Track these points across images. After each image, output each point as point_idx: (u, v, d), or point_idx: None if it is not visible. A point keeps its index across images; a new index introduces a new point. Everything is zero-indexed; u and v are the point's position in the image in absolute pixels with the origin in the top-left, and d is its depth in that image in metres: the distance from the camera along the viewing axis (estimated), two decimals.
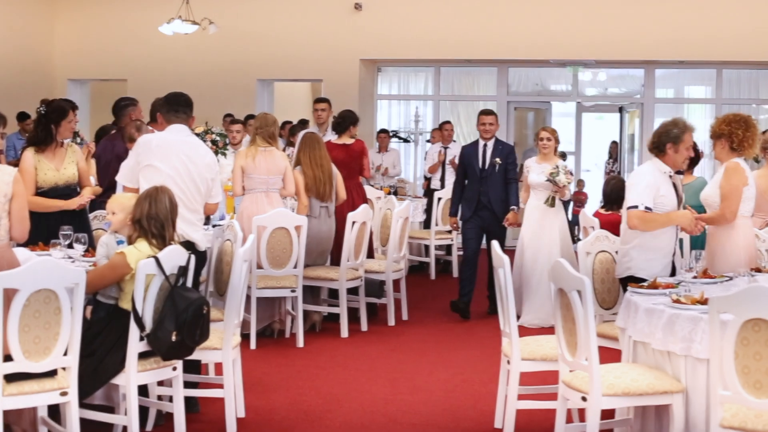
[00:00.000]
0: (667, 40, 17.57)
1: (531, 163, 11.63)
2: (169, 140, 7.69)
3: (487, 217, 11.72)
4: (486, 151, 11.78)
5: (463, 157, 12.05)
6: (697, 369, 5.93)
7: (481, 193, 11.71)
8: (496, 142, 11.86)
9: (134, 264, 6.36)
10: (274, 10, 18.90)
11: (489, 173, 11.71)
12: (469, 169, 11.86)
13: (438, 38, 18.39)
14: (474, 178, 11.79)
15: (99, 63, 19.77)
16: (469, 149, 12.01)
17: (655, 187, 7.28)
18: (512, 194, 11.74)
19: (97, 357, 6.37)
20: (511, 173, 11.79)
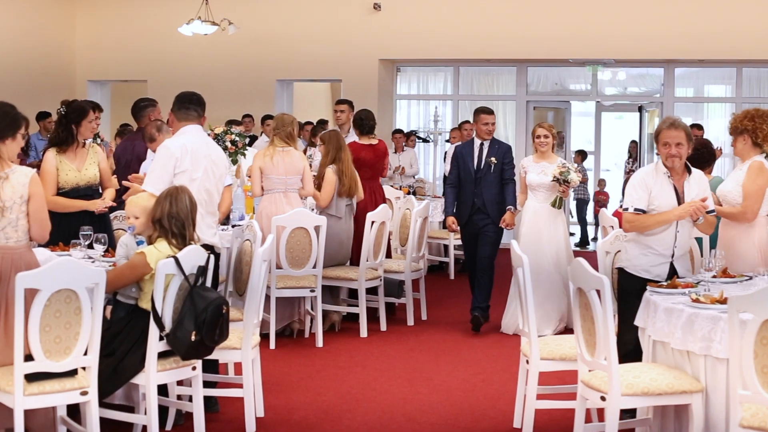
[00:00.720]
0: (686, 38, 17.53)
1: (528, 163, 11.05)
2: (195, 144, 7.60)
3: (479, 219, 11.04)
4: (482, 151, 11.06)
5: (456, 157, 11.26)
6: (716, 368, 5.92)
7: (476, 195, 11.01)
8: (492, 141, 11.14)
9: (154, 264, 6.39)
10: (293, 11, 18.94)
11: (484, 174, 11.00)
12: (463, 170, 11.11)
13: (457, 38, 18.40)
14: (468, 180, 11.07)
15: (119, 64, 19.85)
16: (463, 149, 11.26)
17: (645, 188, 7.16)
18: (509, 194, 11.02)
19: (117, 356, 6.41)
20: (507, 173, 11.06)
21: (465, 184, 11.09)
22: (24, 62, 18.37)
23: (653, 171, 7.24)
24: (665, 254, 7.16)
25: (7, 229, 6.07)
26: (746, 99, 18.43)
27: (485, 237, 11.01)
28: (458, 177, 11.16)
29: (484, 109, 11.21)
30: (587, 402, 6.37)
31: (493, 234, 11.04)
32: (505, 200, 11.00)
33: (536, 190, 10.87)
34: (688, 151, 7.17)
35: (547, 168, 10.77)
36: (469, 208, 11.04)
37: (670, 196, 7.12)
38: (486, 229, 11.01)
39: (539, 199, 10.89)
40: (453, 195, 11.26)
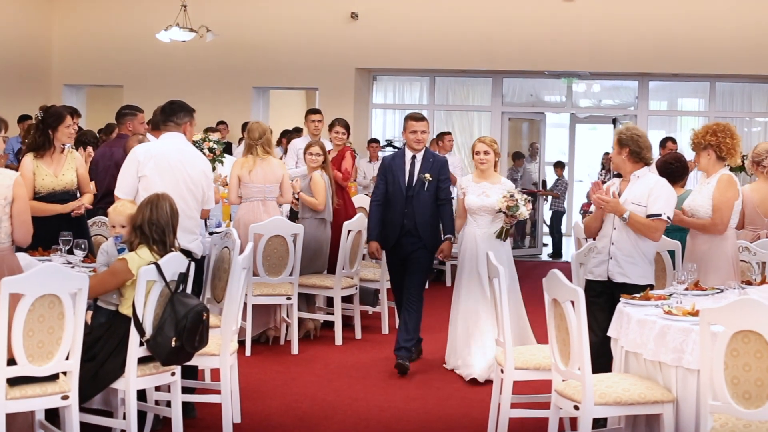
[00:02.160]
0: (660, 52, 17.71)
1: (466, 183, 9.60)
2: (162, 150, 7.80)
3: (408, 243, 9.58)
4: (414, 165, 9.57)
5: (384, 170, 9.75)
6: (687, 379, 6.02)
7: (406, 216, 9.54)
8: (426, 153, 9.63)
9: (135, 270, 6.45)
10: (270, 19, 18.99)
11: (416, 192, 9.51)
12: (392, 186, 9.60)
13: (433, 48, 18.50)
14: (398, 198, 9.57)
15: (96, 69, 19.84)
16: (393, 161, 9.74)
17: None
18: (446, 219, 9.64)
19: (97, 361, 6.46)
20: (443, 192, 9.60)
21: (394, 203, 9.61)
22: (1, 66, 18.34)
23: (614, 180, 7.75)
24: (603, 252, 7.52)
25: None
26: (719, 113, 18.62)
27: (416, 263, 9.61)
28: (385, 193, 9.67)
29: (413, 115, 9.74)
30: (561, 411, 6.47)
31: (425, 261, 9.70)
32: (443, 226, 9.67)
33: (477, 214, 9.47)
34: (617, 155, 7.60)
35: (489, 189, 9.42)
36: (398, 230, 9.59)
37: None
38: (417, 254, 9.59)
39: (480, 224, 9.48)
40: (378, 214, 9.70)
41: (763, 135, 19.01)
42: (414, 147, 9.57)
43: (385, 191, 9.65)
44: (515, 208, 9.21)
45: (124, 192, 7.67)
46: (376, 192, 9.78)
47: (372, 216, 9.78)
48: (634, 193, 7.42)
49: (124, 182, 7.74)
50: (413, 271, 9.62)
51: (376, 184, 9.93)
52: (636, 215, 7.33)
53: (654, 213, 7.39)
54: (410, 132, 9.56)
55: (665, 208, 7.39)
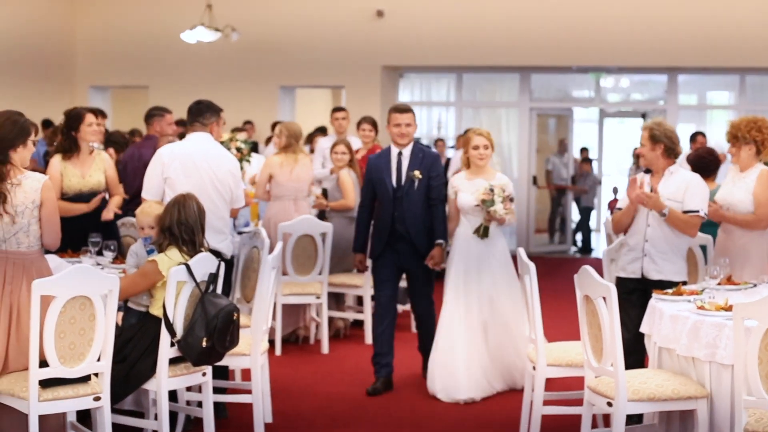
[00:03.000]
0: (690, 46, 17.59)
1: (460, 181, 8.77)
2: (187, 150, 7.80)
3: (404, 251, 8.71)
4: (401, 162, 8.70)
5: (370, 172, 8.88)
6: (721, 375, 5.99)
7: (396, 219, 8.66)
8: (415, 148, 8.77)
9: (166, 271, 6.46)
10: (296, 17, 18.99)
11: (406, 191, 8.65)
12: (379, 187, 8.75)
13: (460, 44, 18.45)
14: (386, 199, 8.71)
15: (120, 70, 19.88)
16: (378, 160, 8.86)
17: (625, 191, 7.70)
18: (438, 221, 8.71)
19: (128, 362, 6.48)
20: (435, 191, 8.72)
21: (382, 206, 8.80)
22: (25, 68, 18.43)
23: (640, 175, 7.59)
24: (637, 249, 7.42)
25: (18, 235, 6.13)
26: (749, 106, 18.49)
27: (417, 280, 8.85)
28: (372, 197, 8.88)
29: (396, 107, 8.88)
30: (594, 408, 6.45)
31: (426, 273, 8.84)
32: (433, 229, 8.73)
33: (470, 214, 8.65)
34: (651, 151, 7.44)
35: (482, 186, 8.56)
36: (387, 236, 8.73)
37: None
38: (417, 267, 8.77)
39: (473, 224, 8.65)
40: (366, 222, 8.99)
41: None
42: (398, 142, 8.70)
43: (373, 194, 8.85)
44: (489, 203, 8.40)
45: (151, 193, 7.67)
46: (363, 196, 9.03)
47: (358, 224, 9.04)
48: (670, 189, 7.35)
49: (149, 184, 7.75)
50: (419, 289, 8.89)
51: (362, 187, 9.14)
52: (675, 211, 7.28)
53: (692, 209, 7.33)
54: (393, 125, 8.70)
55: (702, 204, 7.34)
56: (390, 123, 8.74)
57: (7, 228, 6.08)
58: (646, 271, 7.35)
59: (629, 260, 7.44)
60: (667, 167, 7.45)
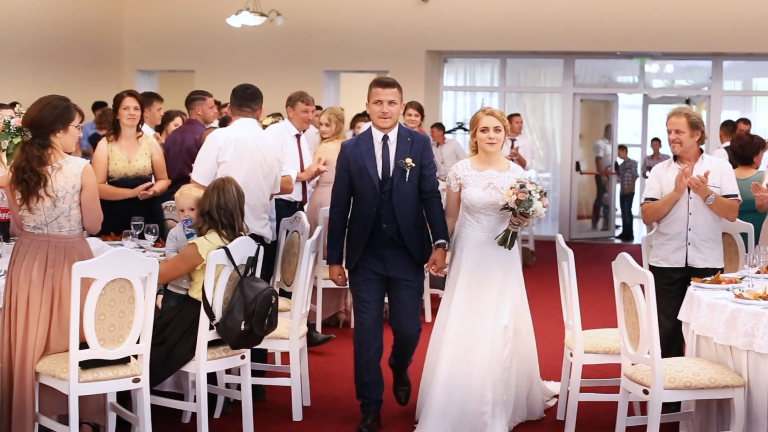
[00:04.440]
0: (734, 31, 17.46)
1: (464, 171, 7.21)
2: (241, 136, 7.81)
3: (392, 257, 7.09)
4: (387, 148, 7.05)
5: (345, 162, 7.17)
6: (759, 364, 5.99)
7: (383, 218, 7.03)
8: (401, 132, 7.11)
9: (205, 255, 6.53)
10: (340, 2, 19.02)
11: (396, 184, 7.02)
12: (360, 180, 7.08)
13: (504, 29, 18.41)
14: (369, 194, 7.05)
15: (167, 54, 20.00)
16: (356, 148, 7.13)
17: (656, 179, 7.56)
18: (437, 217, 7.18)
19: (168, 345, 6.55)
20: (429, 182, 7.13)
21: (363, 202, 7.10)
22: (74, 52, 18.57)
23: (666, 163, 7.58)
24: (679, 238, 7.36)
25: (60, 219, 6.20)
26: None
27: (407, 292, 7.20)
28: (348, 194, 7.19)
29: (378, 80, 7.14)
30: (630, 395, 6.45)
31: (418, 285, 7.29)
32: (432, 228, 7.22)
33: (481, 213, 7.13)
34: (690, 138, 7.39)
35: (497, 179, 7.11)
36: (368, 240, 7.09)
37: (671, 182, 7.39)
38: (406, 279, 7.16)
39: (484, 226, 7.15)
40: (342, 226, 7.23)
41: None
42: (380, 124, 7.02)
43: (349, 190, 7.17)
44: (527, 203, 6.82)
45: (202, 177, 7.62)
46: (336, 194, 7.23)
47: (332, 227, 7.26)
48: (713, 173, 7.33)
49: (203, 167, 7.72)
50: (405, 305, 7.24)
51: (335, 183, 7.28)
52: (719, 196, 7.28)
53: (731, 193, 7.34)
54: (374, 102, 7.01)
55: (737, 188, 7.36)
56: (370, 99, 7.04)
57: (48, 212, 6.15)
58: (691, 260, 7.32)
59: (672, 249, 7.38)
60: (700, 154, 7.44)
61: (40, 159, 6.14)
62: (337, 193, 7.21)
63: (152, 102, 10.70)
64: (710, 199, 7.23)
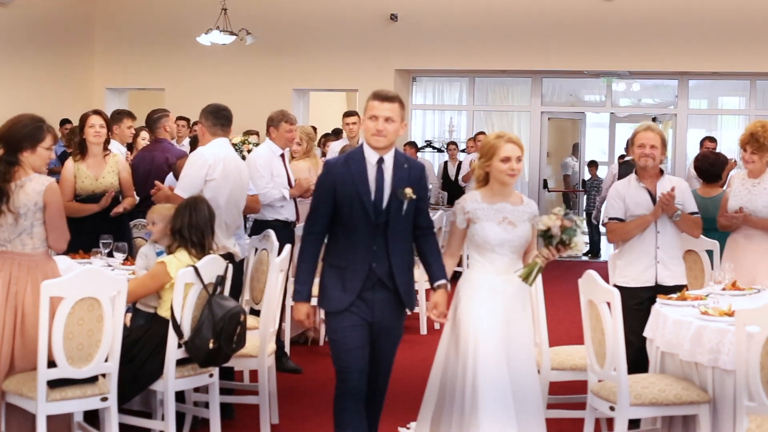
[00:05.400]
0: (700, 51, 17.63)
1: (475, 205, 6.23)
2: (226, 155, 7.97)
3: (380, 301, 5.96)
4: (383, 173, 5.92)
5: (328, 183, 5.96)
6: (724, 380, 6.01)
7: (375, 256, 5.90)
8: (398, 156, 6.02)
9: (174, 273, 6.53)
10: (310, 21, 19.06)
11: (392, 216, 5.89)
12: (348, 206, 5.89)
13: (472, 48, 18.51)
14: (359, 225, 5.88)
15: (137, 72, 19.98)
16: (343, 168, 5.96)
17: (619, 198, 7.49)
18: (435, 255, 6.15)
19: (136, 363, 6.54)
20: (425, 217, 6.13)
21: (354, 236, 5.91)
22: (43, 69, 18.49)
23: (626, 181, 7.57)
24: (648, 257, 7.37)
25: (22, 236, 6.20)
26: (760, 111, 18.52)
27: (390, 342, 6.13)
28: (326, 221, 5.96)
29: (376, 93, 5.94)
30: (596, 412, 6.48)
31: (401, 333, 6.23)
32: (429, 267, 6.15)
33: (495, 252, 6.17)
34: (661, 156, 7.43)
35: (512, 214, 6.21)
36: (361, 282, 5.90)
37: (644, 199, 7.41)
38: (392, 327, 6.09)
39: (498, 268, 6.18)
40: (315, 257, 6.02)
41: None
42: (372, 143, 5.90)
43: (328, 217, 5.95)
44: (572, 232, 6.04)
45: (189, 193, 7.62)
46: (312, 219, 6.00)
47: (303, 257, 5.99)
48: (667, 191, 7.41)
49: (189, 184, 7.80)
50: (385, 353, 6.16)
51: (311, 205, 6.09)
52: (685, 213, 7.35)
53: (694, 211, 7.42)
54: (369, 117, 5.91)
55: (696, 205, 7.46)
56: (365, 113, 5.96)
57: (10, 229, 6.16)
58: (661, 278, 7.34)
59: (642, 269, 7.36)
60: (661, 172, 7.52)
61: (5, 175, 6.16)
62: (314, 218, 5.97)
63: (122, 119, 10.71)
64: (677, 215, 7.30)
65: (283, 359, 9.32)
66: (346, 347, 5.97)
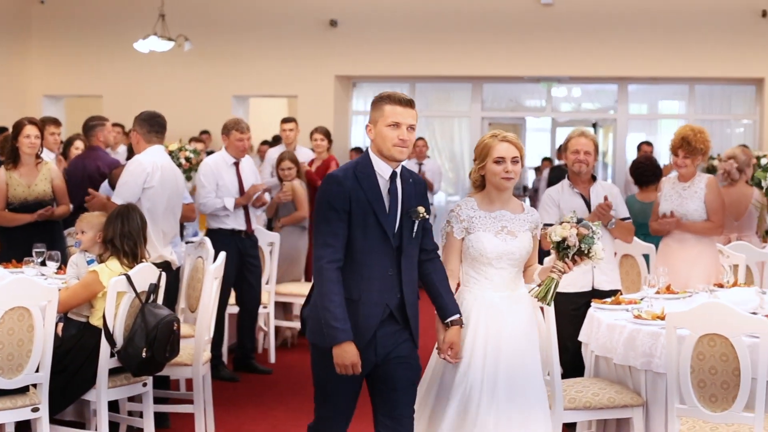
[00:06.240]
0: (639, 55, 17.75)
1: (470, 211, 5.66)
2: (163, 162, 7.97)
3: (385, 339, 5.22)
4: (395, 190, 5.24)
5: (345, 201, 5.11)
6: (656, 383, 6.07)
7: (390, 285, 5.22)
8: (403, 170, 5.31)
9: (106, 282, 6.46)
10: (249, 27, 18.98)
11: (405, 239, 5.24)
12: (362, 230, 5.14)
13: (412, 54, 18.51)
14: (375, 252, 5.17)
15: (74, 79, 19.80)
16: (354, 182, 5.15)
17: (552, 203, 7.52)
18: (444, 285, 5.46)
19: (68, 373, 6.46)
20: (431, 239, 5.43)
21: (365, 263, 5.16)
22: None
23: (559, 187, 7.63)
24: None
25: None
26: (698, 115, 18.70)
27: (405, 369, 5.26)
28: (344, 242, 5.13)
29: (396, 98, 5.23)
30: None
31: (418, 364, 5.36)
32: (440, 299, 5.45)
33: (492, 266, 5.58)
34: (593, 161, 7.46)
35: (512, 223, 5.65)
36: (379, 318, 5.18)
37: (579, 204, 7.44)
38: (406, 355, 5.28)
39: (496, 284, 5.61)
40: (341, 288, 5.08)
41: (743, 137, 19.05)
42: (395, 156, 5.17)
43: (346, 237, 5.14)
44: (590, 240, 5.50)
45: (125, 199, 7.62)
46: (330, 244, 5.10)
47: (333, 289, 5.05)
48: (600, 198, 7.46)
49: (128, 191, 7.78)
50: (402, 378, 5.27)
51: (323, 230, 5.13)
52: (619, 220, 7.41)
53: (626, 216, 7.49)
54: (388, 125, 5.16)
55: (627, 211, 7.53)
56: (379, 120, 5.19)
57: None
58: (597, 283, 7.40)
59: (579, 273, 7.37)
60: (593, 178, 7.58)
61: None
62: (332, 243, 5.09)
63: (45, 126, 10.62)
64: (612, 223, 7.36)
65: (220, 367, 9.28)
66: (338, 394, 5.28)
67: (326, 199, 5.13)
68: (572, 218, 5.55)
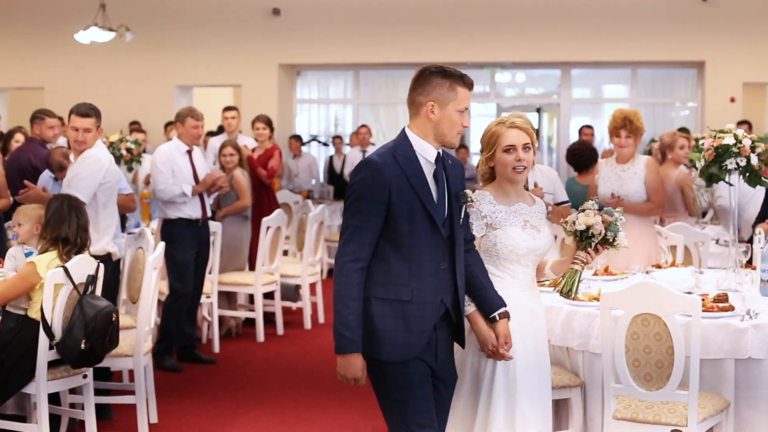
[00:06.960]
0: (582, 40, 17.87)
1: (490, 205, 5.14)
2: (110, 156, 7.99)
3: (442, 342, 4.79)
4: (439, 175, 4.74)
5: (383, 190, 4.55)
6: (594, 363, 6.12)
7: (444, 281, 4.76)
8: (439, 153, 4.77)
9: (44, 274, 6.42)
10: (191, 16, 18.92)
11: (456, 228, 4.79)
12: (407, 222, 4.60)
13: (356, 42, 18.54)
14: (425, 245, 4.65)
15: (15, 71, 19.65)
16: (395, 168, 4.59)
17: None
18: (486, 276, 5.00)
19: (6, 367, 6.42)
20: (467, 229, 4.97)
21: (413, 257, 4.64)
22: None
23: None
24: None
25: None
26: (641, 99, 18.86)
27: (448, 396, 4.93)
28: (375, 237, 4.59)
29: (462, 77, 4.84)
30: None
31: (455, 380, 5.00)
32: (484, 291, 4.95)
33: (519, 263, 5.16)
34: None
35: (529, 214, 5.23)
36: (434, 318, 4.70)
37: None
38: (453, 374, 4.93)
39: (521, 282, 5.19)
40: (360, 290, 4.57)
41: (685, 120, 19.22)
42: (456, 143, 4.83)
43: (378, 232, 4.59)
44: (615, 227, 5.17)
45: (89, 197, 7.59)
46: (357, 240, 4.57)
47: (351, 293, 4.55)
48: (542, 182, 7.50)
49: (90, 187, 7.68)
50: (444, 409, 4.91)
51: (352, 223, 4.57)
52: (555, 207, 7.46)
53: (564, 200, 7.55)
54: (460, 110, 4.75)
55: (566, 194, 7.57)
56: (454, 103, 4.73)
57: None
58: None
59: None
60: None
61: None
62: (361, 239, 4.56)
63: None
64: (548, 213, 7.40)
65: (165, 357, 9.26)
66: (417, 410, 4.64)
67: (360, 187, 4.58)
68: (593, 205, 5.21)
